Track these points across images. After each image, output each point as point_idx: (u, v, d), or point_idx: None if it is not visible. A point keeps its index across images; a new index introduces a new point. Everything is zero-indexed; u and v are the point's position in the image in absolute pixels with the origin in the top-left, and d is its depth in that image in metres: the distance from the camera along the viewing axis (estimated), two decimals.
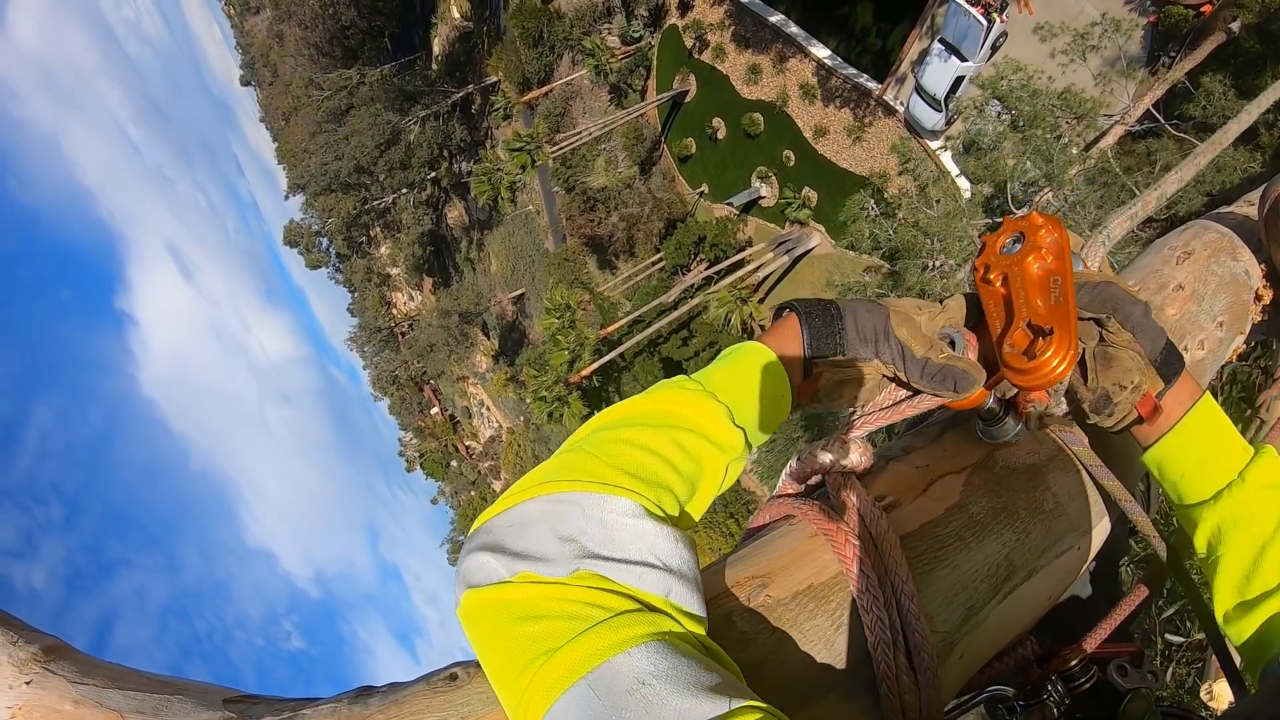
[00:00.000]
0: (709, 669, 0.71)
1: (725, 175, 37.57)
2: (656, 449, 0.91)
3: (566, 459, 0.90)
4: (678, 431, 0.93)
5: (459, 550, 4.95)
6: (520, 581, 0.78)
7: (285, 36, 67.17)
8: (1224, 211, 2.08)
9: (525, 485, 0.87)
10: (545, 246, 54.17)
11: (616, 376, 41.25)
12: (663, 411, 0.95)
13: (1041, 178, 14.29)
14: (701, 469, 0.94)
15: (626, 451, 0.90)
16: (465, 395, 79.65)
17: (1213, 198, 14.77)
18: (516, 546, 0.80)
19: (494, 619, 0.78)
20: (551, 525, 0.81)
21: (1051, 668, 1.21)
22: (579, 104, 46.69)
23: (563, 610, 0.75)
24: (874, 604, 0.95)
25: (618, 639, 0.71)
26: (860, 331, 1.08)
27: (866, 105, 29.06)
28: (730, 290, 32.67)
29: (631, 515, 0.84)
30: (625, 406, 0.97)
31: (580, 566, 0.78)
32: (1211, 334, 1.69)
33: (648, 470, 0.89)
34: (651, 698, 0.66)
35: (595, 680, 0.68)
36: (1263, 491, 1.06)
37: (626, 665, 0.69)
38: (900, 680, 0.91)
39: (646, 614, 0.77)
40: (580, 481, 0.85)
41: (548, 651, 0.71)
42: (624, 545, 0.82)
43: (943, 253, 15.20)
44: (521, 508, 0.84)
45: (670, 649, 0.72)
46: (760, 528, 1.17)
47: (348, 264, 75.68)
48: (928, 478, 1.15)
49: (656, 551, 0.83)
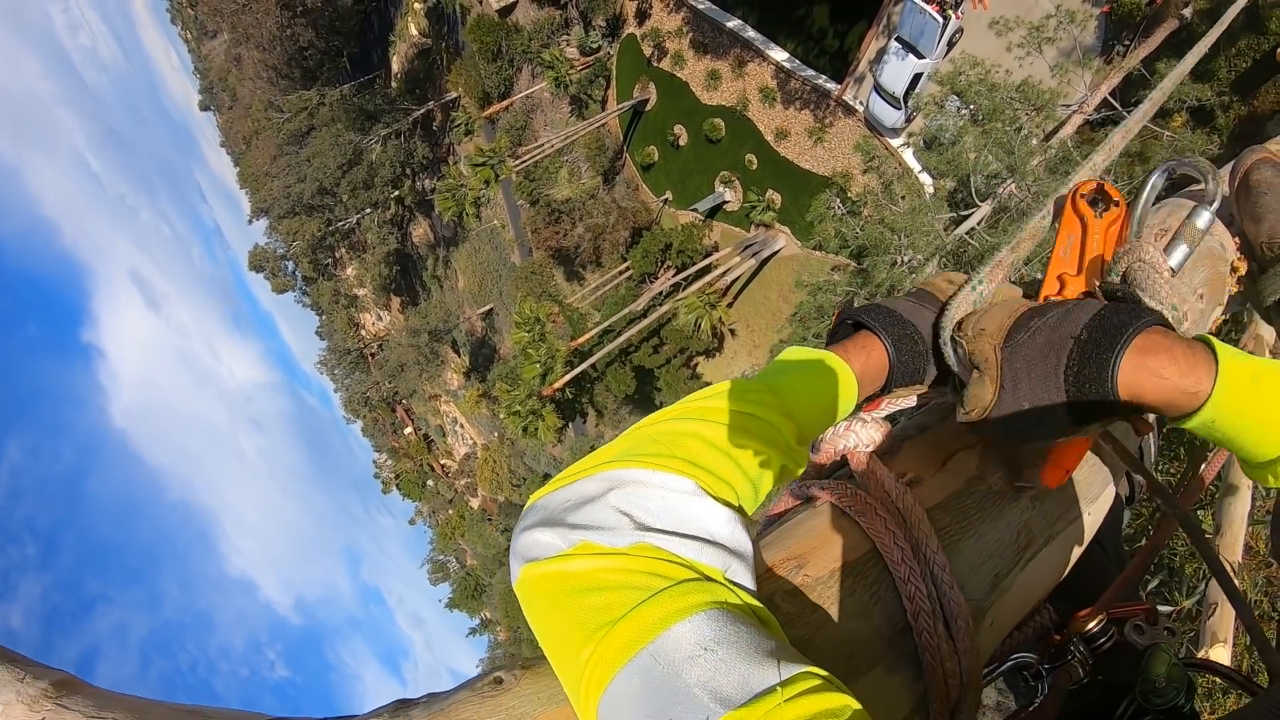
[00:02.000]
0: (765, 638, 0.71)
1: (689, 181, 37.65)
2: (720, 444, 0.91)
3: (627, 444, 0.91)
4: (746, 435, 0.93)
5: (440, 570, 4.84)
6: (580, 553, 0.78)
7: (243, 59, 66.63)
8: (1196, 189, 2.06)
9: (583, 466, 0.88)
10: (512, 260, 54.07)
11: (589, 387, 41.28)
12: (736, 412, 0.94)
13: (1004, 170, 14.48)
14: (765, 474, 0.94)
15: (689, 443, 0.90)
16: (438, 414, 79.29)
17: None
18: (575, 519, 0.81)
19: (553, 592, 0.78)
20: (611, 500, 0.82)
21: (1072, 630, 1.23)
22: (540, 116, 46.69)
23: (623, 580, 0.75)
24: (912, 575, 0.97)
25: (679, 606, 0.72)
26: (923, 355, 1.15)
27: (826, 106, 29.21)
28: (699, 296, 32.79)
29: (692, 494, 0.84)
30: (693, 403, 0.97)
31: (640, 539, 0.79)
32: (1192, 306, 1.74)
33: (710, 463, 0.88)
34: (716, 663, 0.66)
35: (658, 649, 0.69)
36: None
37: (689, 632, 0.69)
38: (941, 649, 0.94)
39: (706, 583, 0.77)
40: (641, 459, 0.86)
41: (610, 622, 0.71)
42: (684, 521, 0.82)
43: (910, 248, 15.33)
44: (578, 485, 0.85)
45: (730, 617, 0.72)
46: (782, 513, 1.19)
47: (314, 287, 75.11)
48: (944, 453, 1.18)
49: (716, 530, 0.83)
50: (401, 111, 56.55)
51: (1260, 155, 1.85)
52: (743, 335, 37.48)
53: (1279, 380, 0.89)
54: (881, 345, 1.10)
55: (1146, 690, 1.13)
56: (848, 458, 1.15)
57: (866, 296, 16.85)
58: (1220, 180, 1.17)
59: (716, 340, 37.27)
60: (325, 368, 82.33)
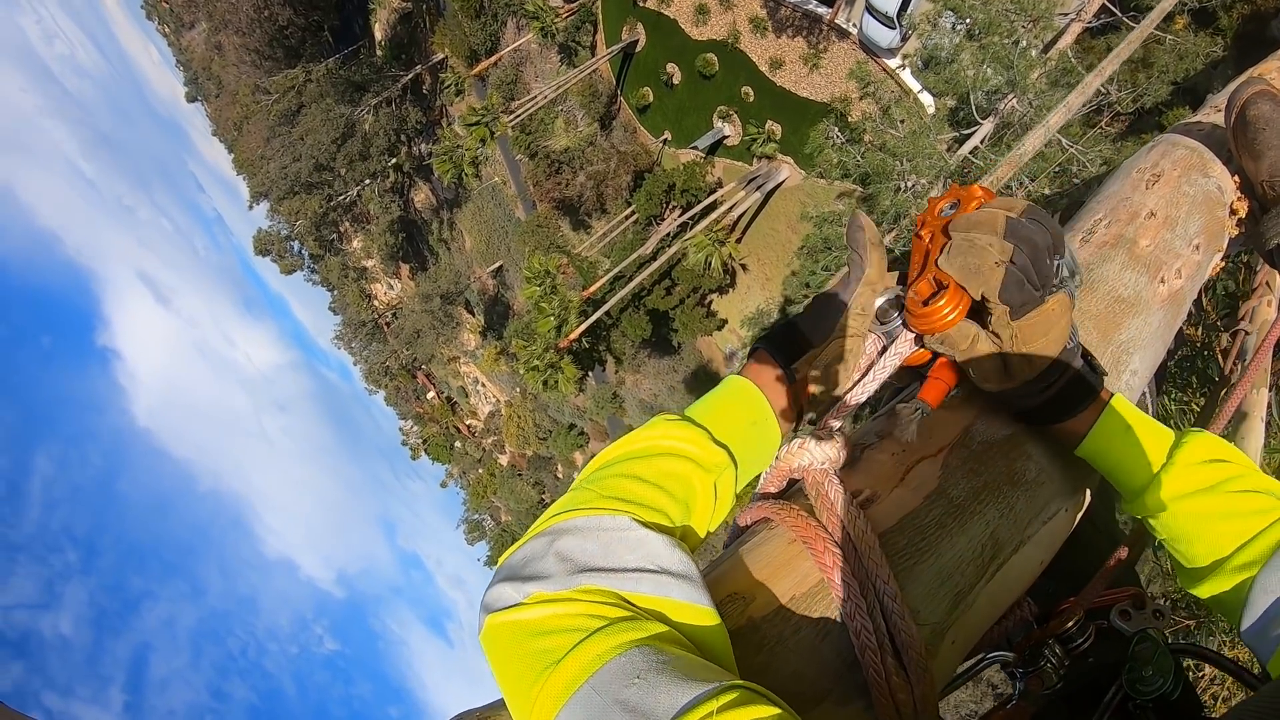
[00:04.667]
0: (694, 663, 0.80)
1: (686, 120, 37.27)
2: (645, 476, 1.03)
3: (569, 497, 1.02)
4: (662, 458, 1.06)
5: (475, 529, 5.31)
6: (532, 602, 0.88)
7: (224, 47, 65.77)
8: (1191, 122, 2.05)
9: (537, 524, 0.99)
10: (516, 216, 53.79)
11: (605, 335, 41.23)
12: (649, 444, 1.08)
13: (1004, 85, 14.27)
14: (691, 488, 1.05)
15: (618, 483, 1.02)
16: (459, 375, 79.51)
17: (1178, 86, 14.77)
18: (527, 572, 0.91)
19: (509, 638, 0.87)
20: (554, 550, 0.92)
21: (1049, 629, 1.24)
22: (530, 69, 46.11)
23: (565, 624, 0.84)
24: (857, 611, 0.95)
25: (615, 643, 0.80)
26: (812, 315, 1.24)
27: (819, 31, 28.75)
28: (707, 234, 32.63)
29: (624, 529, 0.95)
30: (617, 446, 1.10)
31: (580, 581, 0.89)
32: (1189, 259, 1.68)
33: (638, 495, 1.00)
34: (647, 687, 0.74)
35: (597, 682, 0.77)
36: (1189, 470, 1.12)
37: (623, 665, 0.78)
38: (891, 681, 0.93)
39: (639, 621, 0.85)
40: (577, 511, 0.97)
41: (553, 663, 0.80)
42: (620, 556, 0.92)
43: (913, 172, 15.20)
44: (529, 545, 0.96)
45: (659, 649, 0.80)
46: (744, 528, 1.20)
47: (322, 263, 74.95)
48: (904, 465, 1.16)
49: (653, 557, 0.93)
50: (390, 79, 55.85)
51: (1258, 88, 1.79)
52: (754, 269, 37.39)
53: (1147, 434, 1.16)
54: (762, 348, 1.23)
55: (1133, 679, 1.14)
56: (804, 477, 1.13)
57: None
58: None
59: (728, 276, 37.18)
60: (342, 342, 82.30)
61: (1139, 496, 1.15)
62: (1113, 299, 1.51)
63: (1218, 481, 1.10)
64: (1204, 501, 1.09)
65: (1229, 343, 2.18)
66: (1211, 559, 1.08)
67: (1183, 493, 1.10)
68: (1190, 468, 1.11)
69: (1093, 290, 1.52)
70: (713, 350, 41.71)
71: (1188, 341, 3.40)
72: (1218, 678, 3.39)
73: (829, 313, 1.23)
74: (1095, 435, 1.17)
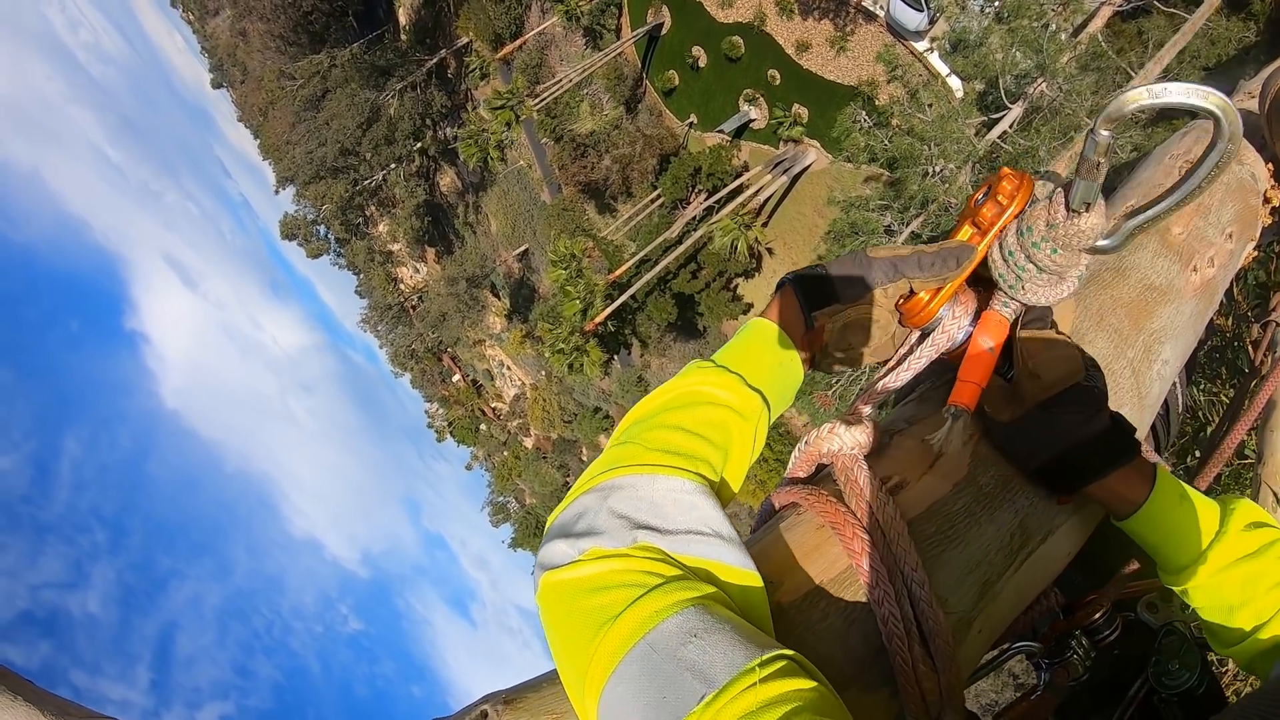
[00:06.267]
0: (742, 626, 0.82)
1: (712, 103, 37.15)
2: (687, 426, 1.03)
3: (613, 452, 1.02)
4: (702, 407, 1.06)
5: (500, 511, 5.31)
6: (589, 558, 0.89)
7: (249, 33, 65.96)
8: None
9: (581, 483, 1.00)
10: (542, 199, 53.83)
11: (631, 318, 41.30)
12: (686, 392, 1.08)
13: (1033, 69, 14.09)
14: (730, 435, 1.06)
15: (662, 434, 1.02)
16: (484, 358, 79.77)
17: (1209, 71, 14.52)
18: (580, 527, 0.92)
19: (566, 596, 0.89)
20: (608, 507, 0.93)
21: (1076, 621, 1.23)
22: (555, 52, 46.03)
23: (623, 579, 0.86)
24: (885, 599, 0.95)
25: (671, 601, 0.82)
26: (844, 270, 1.19)
27: (846, 14, 28.54)
28: (733, 218, 32.53)
29: (677, 490, 0.96)
30: (655, 396, 1.10)
31: (638, 537, 0.90)
32: (1221, 248, 1.63)
33: (683, 446, 1.01)
34: (705, 646, 0.77)
35: (655, 638, 0.79)
36: (1236, 538, 1.07)
37: (680, 623, 0.79)
38: (917, 670, 0.92)
39: (692, 580, 0.87)
40: (627, 467, 0.97)
41: (612, 618, 0.82)
42: (673, 517, 0.93)
43: (941, 157, 15.04)
44: (579, 501, 0.97)
45: (712, 610, 0.82)
46: (772, 512, 1.19)
47: (348, 247, 75.24)
48: (933, 452, 1.14)
49: (706, 520, 0.94)
50: (414, 63, 55.89)
51: None
52: (780, 254, 37.26)
53: (1195, 506, 1.08)
54: (788, 287, 1.20)
55: (1160, 672, 1.14)
56: (833, 462, 1.13)
57: (899, 209, 16.69)
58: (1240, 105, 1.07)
59: (754, 261, 37.06)
60: (368, 325, 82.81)
61: (1186, 569, 1.08)
62: (1144, 287, 1.48)
63: (1261, 546, 1.06)
64: (1249, 568, 1.05)
65: (1259, 334, 2.13)
66: (1254, 624, 1.04)
67: (1228, 562, 1.05)
68: (1237, 535, 1.06)
69: (1124, 278, 1.49)
70: None
71: (1218, 332, 3.35)
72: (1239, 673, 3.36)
73: (867, 277, 1.19)
74: (1153, 504, 1.07)
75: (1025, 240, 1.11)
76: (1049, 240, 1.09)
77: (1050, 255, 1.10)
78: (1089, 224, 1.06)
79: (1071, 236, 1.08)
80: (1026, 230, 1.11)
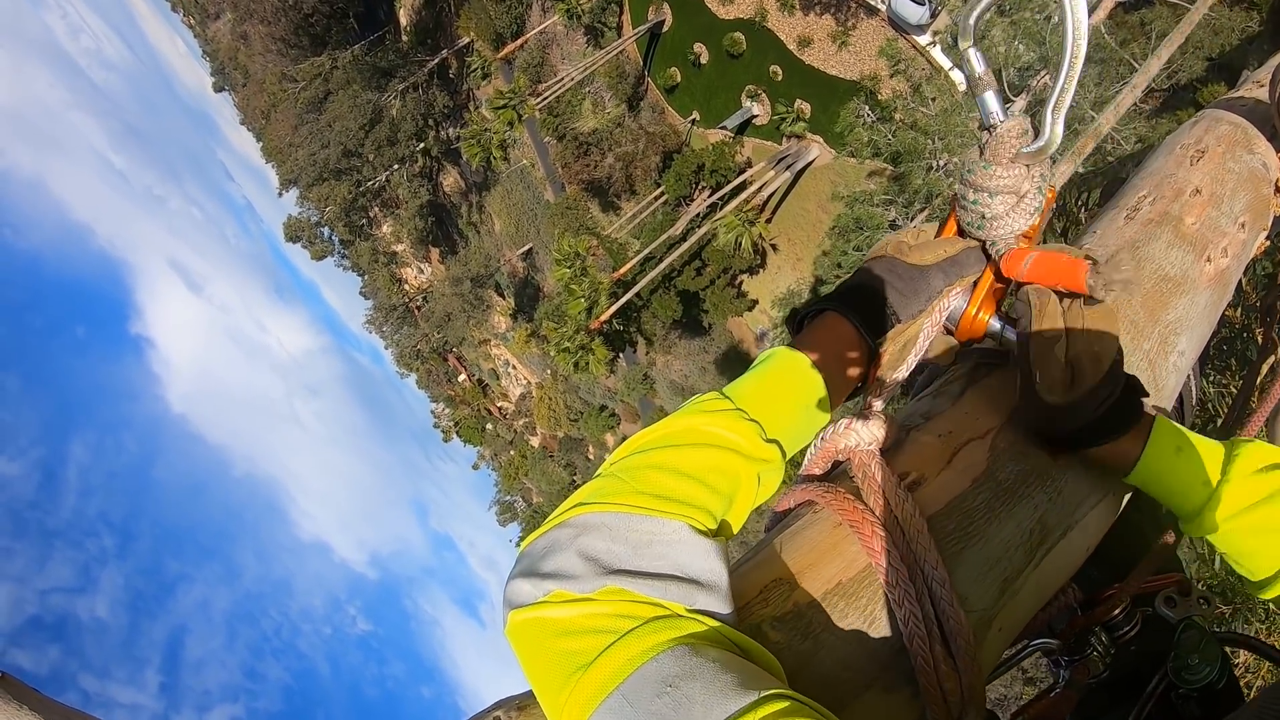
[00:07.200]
0: (733, 666, 0.76)
1: (715, 99, 37.16)
2: (687, 470, 0.94)
3: (599, 484, 0.95)
4: (708, 450, 0.97)
5: (507, 510, 5.26)
6: (553, 600, 0.83)
7: (250, 36, 66.18)
8: (1233, 98, 2.00)
9: (558, 512, 0.93)
10: (545, 198, 53.87)
11: (635, 316, 41.34)
12: (693, 431, 0.98)
13: (1036, 61, 14.13)
14: (737, 484, 0.98)
15: (655, 476, 0.93)
16: (490, 358, 79.92)
17: (1213, 62, 14.52)
18: (546, 568, 0.85)
19: (534, 637, 0.83)
20: (578, 546, 0.86)
21: (1095, 616, 1.21)
22: (556, 51, 46.06)
23: (593, 625, 0.80)
24: (905, 598, 0.93)
25: (645, 647, 0.76)
26: (900, 285, 1.14)
27: (847, 8, 28.47)
28: (737, 214, 32.57)
29: (657, 534, 0.88)
30: (658, 429, 1.00)
31: (606, 583, 0.83)
32: (1234, 238, 1.62)
33: (677, 492, 0.92)
34: (680, 699, 0.71)
35: (628, 689, 0.74)
36: (1245, 481, 1.06)
37: (654, 671, 0.74)
38: (939, 669, 0.90)
39: (672, 619, 0.81)
40: (608, 504, 0.90)
41: (582, 666, 0.77)
42: (649, 561, 0.86)
43: (945, 151, 15.03)
44: (551, 534, 0.90)
45: (694, 651, 0.76)
46: (786, 511, 1.16)
47: (352, 249, 75.48)
48: (951, 447, 1.12)
49: (682, 566, 0.87)
50: (416, 64, 55.99)
51: None
52: (784, 250, 37.25)
53: (1197, 450, 1.08)
54: (837, 314, 1.13)
55: (1179, 667, 1.12)
56: (849, 459, 1.10)
57: (904, 204, 16.66)
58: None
59: (759, 257, 37.07)
60: (373, 326, 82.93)
61: (1197, 516, 1.08)
62: (1159, 278, 1.47)
63: (1275, 490, 1.05)
64: (1265, 513, 1.04)
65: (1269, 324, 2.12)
66: (1276, 568, 1.04)
67: (1242, 507, 1.05)
68: (1246, 479, 1.06)
69: (1139, 268, 1.49)
70: (744, 331, 41.65)
71: (1227, 323, 3.32)
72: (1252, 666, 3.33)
73: (922, 289, 1.14)
74: (1148, 458, 1.09)
75: (970, 178, 1.17)
76: (981, 162, 1.16)
77: (986, 172, 1.15)
78: (1005, 129, 1.13)
79: (997, 149, 1.14)
80: (968, 170, 1.17)
